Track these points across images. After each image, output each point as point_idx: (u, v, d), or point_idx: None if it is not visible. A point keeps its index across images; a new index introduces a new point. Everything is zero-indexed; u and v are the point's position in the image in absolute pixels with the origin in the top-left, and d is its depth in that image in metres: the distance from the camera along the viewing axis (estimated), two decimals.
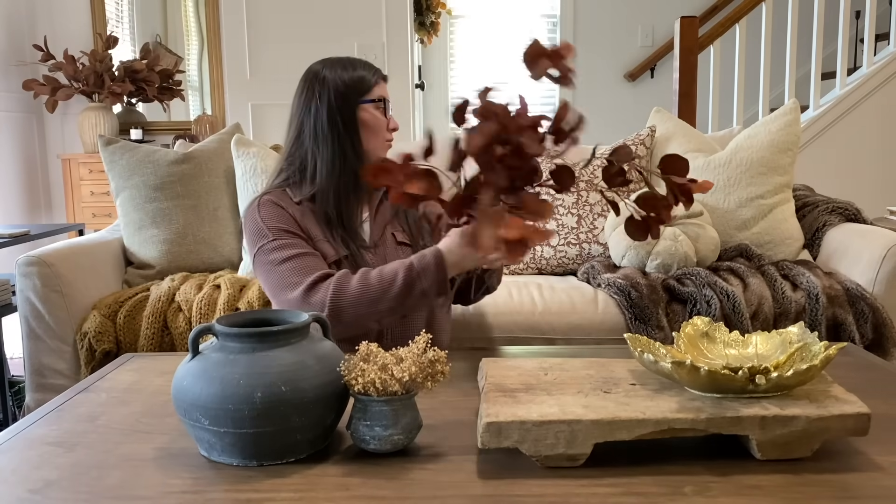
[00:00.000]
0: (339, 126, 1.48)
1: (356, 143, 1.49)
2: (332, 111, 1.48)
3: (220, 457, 0.92)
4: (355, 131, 1.49)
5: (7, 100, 3.80)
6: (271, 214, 1.45)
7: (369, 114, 1.51)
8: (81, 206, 3.75)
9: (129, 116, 4.07)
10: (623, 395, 0.96)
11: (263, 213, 1.46)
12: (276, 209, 1.46)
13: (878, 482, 0.85)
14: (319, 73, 1.51)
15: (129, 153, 2.39)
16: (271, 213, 1.46)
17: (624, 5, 5.24)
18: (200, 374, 0.90)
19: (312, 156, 1.49)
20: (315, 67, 1.53)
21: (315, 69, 1.52)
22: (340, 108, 1.48)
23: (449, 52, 5.41)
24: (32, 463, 0.94)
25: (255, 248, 1.44)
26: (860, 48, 4.41)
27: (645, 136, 2.45)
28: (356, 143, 1.49)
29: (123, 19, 4.13)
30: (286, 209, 1.47)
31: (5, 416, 2.37)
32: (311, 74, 1.52)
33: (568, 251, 2.31)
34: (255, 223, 1.46)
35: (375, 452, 0.93)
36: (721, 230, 2.27)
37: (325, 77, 1.49)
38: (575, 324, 1.99)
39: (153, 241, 2.35)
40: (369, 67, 1.54)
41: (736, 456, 0.91)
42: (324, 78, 1.49)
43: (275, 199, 1.48)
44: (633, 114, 5.13)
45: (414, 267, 1.34)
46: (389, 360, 0.92)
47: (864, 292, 1.97)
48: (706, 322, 1.11)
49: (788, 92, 3.78)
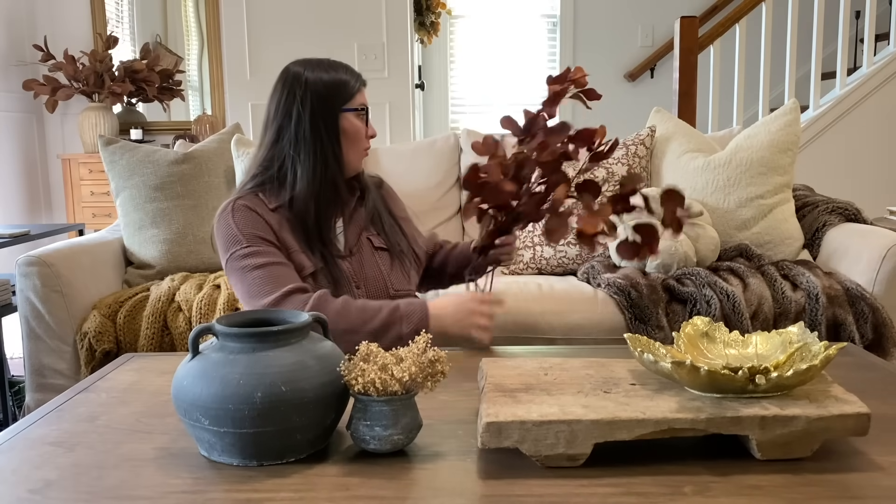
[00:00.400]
0: (321, 133, 1.43)
1: (337, 151, 1.45)
2: (315, 118, 1.43)
3: (220, 457, 0.92)
4: (337, 140, 1.45)
5: (7, 100, 3.80)
6: (245, 220, 1.40)
7: (350, 122, 1.47)
8: (81, 206, 3.75)
9: (129, 116, 4.07)
10: (623, 395, 0.96)
11: (237, 218, 1.41)
12: (251, 214, 1.41)
13: (878, 482, 0.85)
14: (301, 76, 1.45)
15: (129, 153, 2.39)
16: (245, 219, 1.40)
17: (624, 5, 5.24)
18: (200, 374, 0.90)
19: (292, 162, 1.44)
20: (295, 70, 1.46)
21: (296, 71, 1.46)
22: (323, 116, 1.43)
23: (449, 52, 5.41)
24: (32, 463, 0.94)
25: (228, 254, 1.39)
26: (860, 48, 4.41)
27: (645, 136, 2.45)
28: (337, 152, 1.45)
29: (123, 19, 4.13)
30: (261, 215, 1.42)
31: (5, 416, 2.37)
32: (292, 77, 1.45)
33: (568, 251, 2.31)
34: (229, 228, 1.40)
35: (375, 452, 0.93)
36: (721, 230, 2.27)
37: (306, 81, 1.44)
38: (575, 324, 1.99)
39: (153, 241, 2.35)
40: (351, 72, 1.49)
41: (736, 456, 0.91)
42: (305, 81, 1.44)
43: (249, 203, 1.43)
44: (633, 114, 5.13)
45: (399, 309, 1.35)
46: (389, 360, 0.92)
47: (864, 292, 1.97)
48: (706, 322, 1.11)
49: (788, 92, 3.78)
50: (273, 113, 1.46)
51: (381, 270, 1.50)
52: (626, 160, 2.38)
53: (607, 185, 2.33)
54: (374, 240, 1.53)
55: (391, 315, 1.34)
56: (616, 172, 2.36)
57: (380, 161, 2.61)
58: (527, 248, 2.35)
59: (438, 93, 5.46)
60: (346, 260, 1.48)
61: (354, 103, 1.47)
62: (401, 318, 1.34)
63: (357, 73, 1.50)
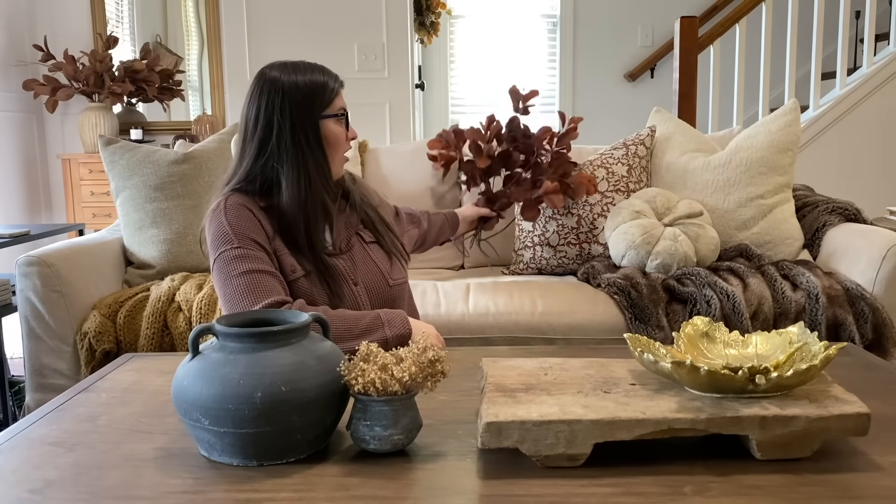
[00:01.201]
0: (302, 144, 1.40)
1: (321, 159, 1.42)
2: (295, 128, 1.40)
3: (220, 457, 0.92)
4: (320, 148, 1.42)
5: (7, 100, 3.80)
6: (238, 217, 1.37)
7: (330, 129, 1.44)
8: (81, 206, 3.75)
9: (129, 116, 4.07)
10: (623, 395, 0.96)
11: (230, 216, 1.37)
12: (244, 212, 1.38)
13: (878, 482, 0.85)
14: (277, 82, 1.41)
15: (129, 153, 2.39)
16: (238, 217, 1.37)
17: (624, 5, 5.24)
18: (200, 374, 0.90)
19: (276, 174, 1.41)
20: (271, 75, 1.42)
21: (272, 77, 1.42)
22: (303, 125, 1.40)
23: (449, 52, 5.41)
24: (32, 463, 0.94)
25: (217, 253, 1.36)
26: (860, 48, 4.41)
27: (645, 136, 2.45)
28: (321, 160, 1.43)
29: (123, 19, 4.13)
30: (254, 213, 1.39)
31: (5, 416, 2.37)
32: (269, 83, 1.41)
33: (568, 251, 2.31)
34: (220, 226, 1.37)
35: (375, 452, 0.93)
36: (721, 230, 2.27)
37: (283, 87, 1.40)
38: (575, 324, 1.99)
39: (153, 241, 2.35)
40: (328, 74, 1.45)
41: (736, 456, 0.91)
42: (282, 88, 1.40)
43: (242, 201, 1.40)
44: (633, 114, 5.13)
45: (381, 316, 1.38)
46: (389, 360, 0.92)
47: (864, 292, 1.97)
48: (706, 322, 1.11)
49: (788, 92, 3.78)
50: (252, 123, 1.42)
51: (377, 264, 1.52)
52: (626, 160, 2.38)
53: (607, 185, 2.33)
54: (364, 234, 1.55)
55: (374, 321, 1.37)
56: (616, 172, 2.36)
57: (380, 161, 2.61)
58: (527, 248, 2.35)
59: (438, 93, 5.46)
60: (340, 258, 1.48)
61: (333, 108, 1.44)
62: (384, 324, 1.37)
63: (334, 75, 1.46)
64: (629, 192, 2.35)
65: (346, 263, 1.48)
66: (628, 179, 2.36)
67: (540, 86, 5.38)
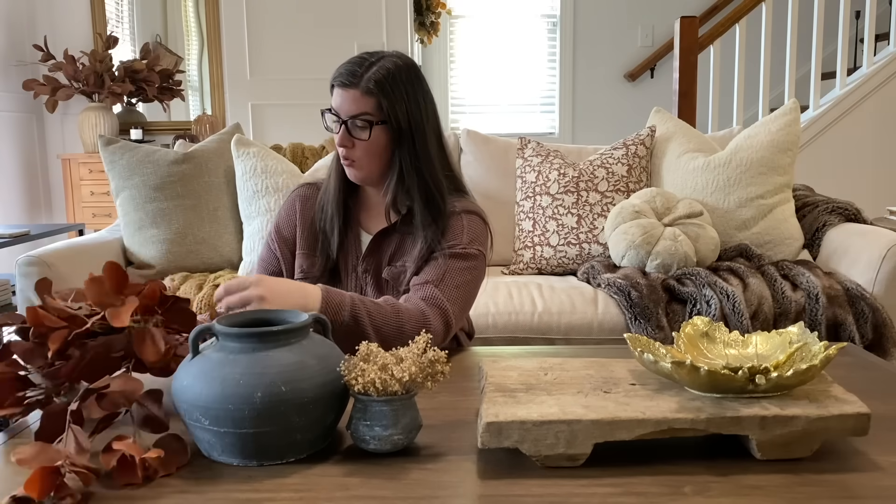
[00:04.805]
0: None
1: (337, 154, 1.37)
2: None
3: (220, 457, 0.92)
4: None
5: (7, 100, 3.80)
6: (284, 209, 1.47)
7: (327, 127, 1.35)
8: (81, 206, 3.75)
9: (129, 116, 4.07)
10: (623, 395, 0.96)
11: (283, 204, 1.49)
12: (290, 207, 1.46)
13: (878, 482, 0.85)
14: None
15: (129, 153, 2.39)
16: (284, 208, 1.48)
17: (624, 5, 5.24)
18: (200, 374, 0.90)
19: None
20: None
21: None
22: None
23: (449, 52, 5.41)
24: None
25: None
26: (860, 48, 4.41)
27: (645, 136, 2.45)
28: (337, 155, 1.38)
29: (123, 19, 4.13)
30: (300, 208, 1.44)
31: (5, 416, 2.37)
32: None
33: (568, 251, 2.31)
34: (279, 208, 1.50)
35: (375, 452, 0.93)
36: (721, 230, 2.27)
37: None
38: (575, 324, 1.99)
39: (153, 241, 2.35)
40: (338, 68, 1.31)
41: (736, 456, 0.91)
42: None
43: (305, 192, 1.46)
44: (633, 114, 5.13)
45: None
46: (389, 360, 0.92)
47: (864, 292, 1.97)
48: (706, 322, 1.11)
49: (788, 92, 3.78)
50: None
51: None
52: (626, 160, 2.38)
53: (607, 185, 2.33)
54: (387, 271, 1.38)
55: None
56: (616, 172, 2.36)
57: None
58: (527, 248, 2.35)
59: (438, 93, 5.46)
60: (349, 277, 1.40)
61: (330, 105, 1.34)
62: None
63: (340, 71, 1.30)
64: (629, 192, 2.35)
65: (353, 289, 1.40)
66: (628, 179, 2.36)
67: (540, 86, 5.39)
